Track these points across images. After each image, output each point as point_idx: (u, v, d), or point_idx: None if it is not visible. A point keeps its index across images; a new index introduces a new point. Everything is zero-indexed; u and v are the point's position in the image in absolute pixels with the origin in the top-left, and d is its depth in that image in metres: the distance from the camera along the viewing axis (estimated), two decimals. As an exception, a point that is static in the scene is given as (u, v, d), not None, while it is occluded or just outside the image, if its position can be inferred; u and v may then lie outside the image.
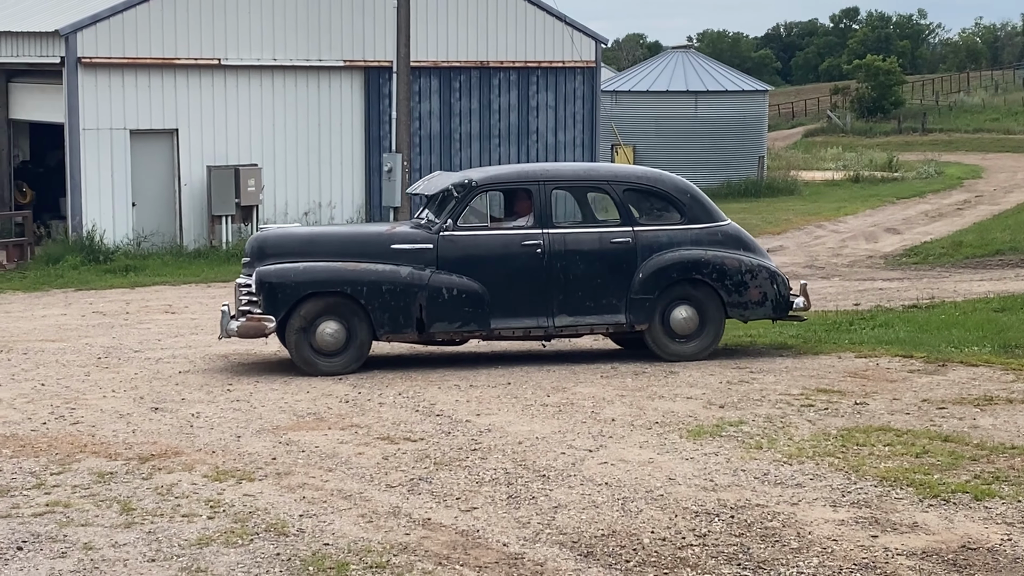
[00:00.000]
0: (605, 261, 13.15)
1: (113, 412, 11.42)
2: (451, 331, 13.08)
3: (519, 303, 13.06)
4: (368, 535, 7.95)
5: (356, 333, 12.90)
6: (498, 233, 13.18)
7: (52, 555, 7.66)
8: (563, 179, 13.81)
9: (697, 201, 13.56)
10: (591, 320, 13.24)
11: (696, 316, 13.33)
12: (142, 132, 25.18)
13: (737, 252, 13.43)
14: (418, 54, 27.25)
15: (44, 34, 25.06)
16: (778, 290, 13.48)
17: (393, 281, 12.86)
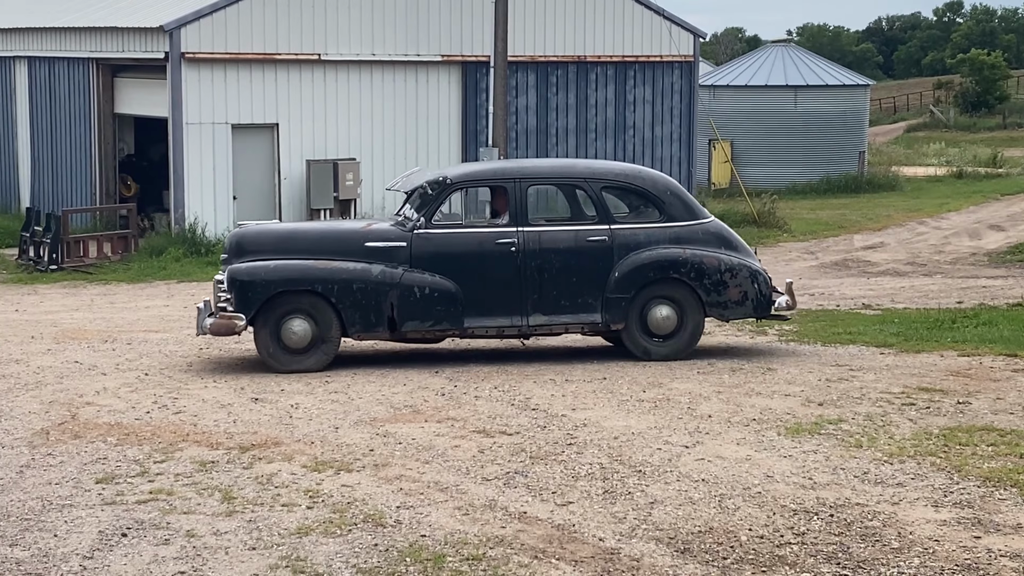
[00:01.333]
0: (581, 260, 12.93)
1: (214, 402, 11.58)
2: (423, 330, 12.95)
3: (493, 302, 12.89)
4: (464, 527, 7.98)
5: (326, 331, 12.80)
6: (472, 231, 13.00)
7: (155, 542, 7.79)
8: (539, 177, 13.46)
9: (678, 198, 13.29)
10: (566, 319, 13.04)
11: (674, 315, 13.09)
12: (243, 126, 25.51)
13: (718, 250, 13.16)
14: (515, 49, 27.28)
15: (149, 30, 25.47)
16: (759, 289, 13.17)
17: (364, 279, 12.74)
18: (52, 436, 10.38)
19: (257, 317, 12.76)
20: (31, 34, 30.07)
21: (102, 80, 27.43)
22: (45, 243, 24.05)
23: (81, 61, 27.87)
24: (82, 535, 7.92)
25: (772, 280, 13.57)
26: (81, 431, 10.54)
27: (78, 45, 28.02)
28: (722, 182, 38.18)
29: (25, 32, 30.33)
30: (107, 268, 23.88)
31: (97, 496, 8.70)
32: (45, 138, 29.61)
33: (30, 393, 12.11)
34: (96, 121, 27.61)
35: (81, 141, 28.13)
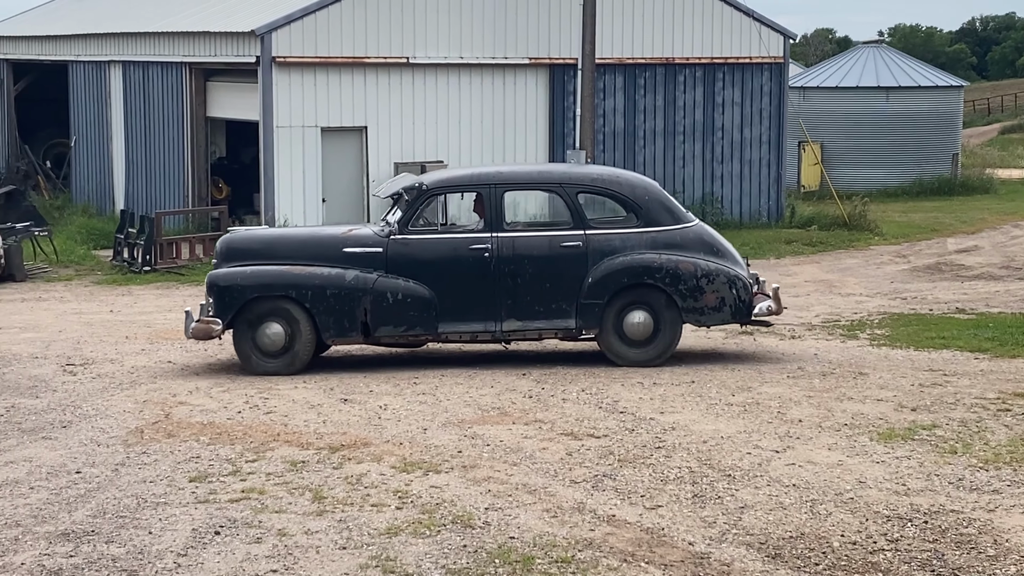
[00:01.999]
0: (554, 265, 12.90)
1: (304, 402, 11.69)
2: (397, 335, 13.05)
3: (467, 307, 12.94)
4: (553, 530, 7.97)
5: (300, 336, 12.94)
6: (446, 237, 13.06)
7: (248, 540, 7.88)
8: (514, 182, 13.47)
9: (656, 203, 13.15)
10: (539, 325, 13.03)
11: (650, 321, 12.96)
12: (332, 129, 25.71)
13: (695, 256, 12.97)
14: (603, 51, 27.21)
15: (240, 34, 25.77)
16: (737, 295, 12.98)
17: (338, 285, 12.87)
18: (146, 435, 10.54)
19: (235, 321, 12.95)
20: (126, 39, 30.56)
21: (195, 84, 27.81)
22: (139, 245, 24.42)
23: (175, 65, 28.28)
24: (176, 533, 8.03)
25: (758, 286, 13.32)
26: (174, 430, 10.69)
27: (172, 50, 28.44)
28: (812, 185, 37.80)
29: (120, 37, 30.83)
30: (199, 269, 24.18)
31: (191, 494, 8.82)
32: (139, 141, 30.07)
33: (124, 392, 12.31)
34: (189, 124, 27.99)
35: (174, 144, 28.53)
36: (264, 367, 12.96)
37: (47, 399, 12.07)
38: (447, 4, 26.37)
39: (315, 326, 12.93)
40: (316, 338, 13.04)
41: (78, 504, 8.66)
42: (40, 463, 9.73)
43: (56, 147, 36.03)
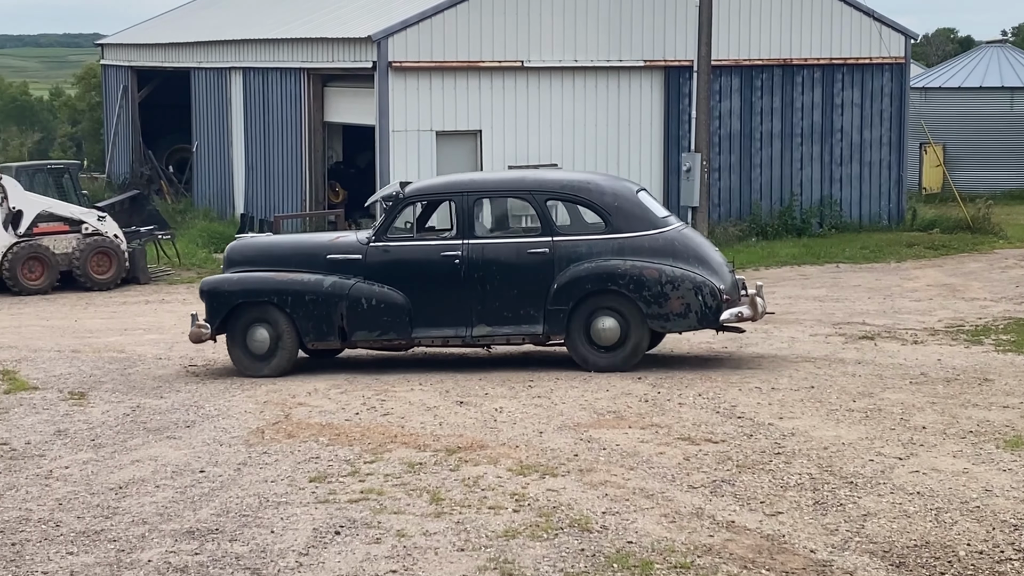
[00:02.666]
0: (522, 271, 13.00)
1: (420, 404, 11.75)
2: (372, 339, 13.34)
3: (440, 312, 13.14)
4: (671, 535, 7.92)
5: (283, 339, 13.29)
6: (420, 244, 13.29)
7: (367, 540, 7.94)
8: (486, 189, 13.63)
9: (626, 209, 13.09)
10: (508, 330, 13.16)
11: (617, 327, 12.94)
12: (447, 133, 25.85)
13: (663, 262, 12.91)
14: (719, 53, 26.99)
15: (357, 40, 26.04)
16: (703, 301, 12.85)
17: (316, 291, 13.22)
18: (267, 435, 10.69)
19: (227, 326, 13.42)
20: (246, 46, 31.06)
21: (313, 89, 28.16)
22: (258, 248, 24.77)
23: (293, 71, 28.67)
24: (297, 532, 8.12)
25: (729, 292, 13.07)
26: (294, 431, 10.82)
27: (290, 56, 28.84)
28: (934, 187, 37.09)
29: (240, 44, 31.34)
30: (316, 272, 24.46)
31: (311, 494, 8.92)
32: (258, 146, 30.54)
33: (245, 393, 12.49)
34: (307, 129, 28.35)
35: (292, 149, 28.92)
36: (252, 369, 13.35)
37: (171, 399, 12.30)
38: (562, 7, 26.37)
39: (296, 330, 13.30)
40: (299, 342, 13.43)
41: (202, 503, 8.81)
42: (165, 462, 9.92)
43: (178, 152, 36.75)
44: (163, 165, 36.73)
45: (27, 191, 23.95)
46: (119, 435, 10.89)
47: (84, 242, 23.45)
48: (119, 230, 24.04)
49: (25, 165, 26.88)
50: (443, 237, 13.36)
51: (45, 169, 26.19)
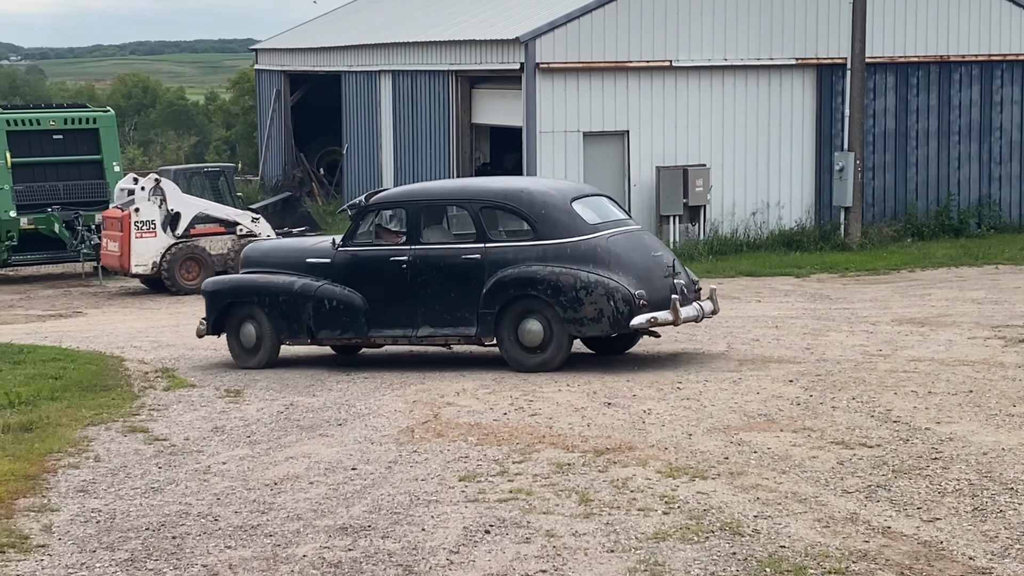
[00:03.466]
0: (458, 276, 13.61)
1: (568, 405, 11.75)
2: (334, 338, 14.24)
3: (391, 314, 13.87)
4: (825, 540, 7.78)
5: (265, 336, 14.33)
6: (376, 249, 14.03)
7: (517, 540, 7.97)
8: (431, 198, 14.31)
9: (552, 217, 13.48)
10: (447, 331, 13.77)
11: (541, 330, 13.35)
12: (594, 134, 25.82)
13: (581, 268, 13.25)
14: (873, 50, 26.50)
15: (505, 42, 26.17)
16: (615, 307, 13.12)
17: (288, 292, 14.21)
18: (416, 434, 10.79)
19: (224, 322, 14.60)
20: (396, 49, 31.44)
21: (460, 91, 28.38)
22: (407, 249, 25.08)
23: (441, 73, 28.93)
24: (448, 530, 8.19)
25: (650, 297, 13.27)
26: (443, 430, 10.91)
27: (439, 58, 29.11)
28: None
29: (390, 47, 31.74)
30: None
31: (460, 493, 8.98)
32: (407, 148, 30.89)
33: (395, 392, 12.64)
34: (455, 131, 28.59)
35: (441, 150, 29.19)
36: (243, 361, 14.48)
37: (323, 398, 12.50)
38: (711, 5, 26.15)
39: (274, 328, 14.32)
40: (277, 338, 14.41)
41: (355, 500, 8.93)
42: (318, 459, 10.08)
43: (329, 154, 37.38)
44: (314, 167, 37.39)
45: (184, 194, 24.59)
46: (273, 432, 11.11)
47: (239, 243, 23.98)
48: (272, 231, 24.55)
49: (182, 168, 27.61)
50: (394, 243, 14.07)
51: (201, 172, 26.87)
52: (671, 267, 13.73)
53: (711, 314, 14.05)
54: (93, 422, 11.64)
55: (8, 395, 12.58)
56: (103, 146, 27.79)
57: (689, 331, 16.00)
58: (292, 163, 37.25)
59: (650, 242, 14.10)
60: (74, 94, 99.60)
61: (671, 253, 14.26)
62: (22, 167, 26.85)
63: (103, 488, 9.45)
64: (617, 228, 13.81)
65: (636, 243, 13.78)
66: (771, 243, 26.31)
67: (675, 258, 14.09)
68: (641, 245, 13.82)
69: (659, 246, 14.18)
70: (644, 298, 13.21)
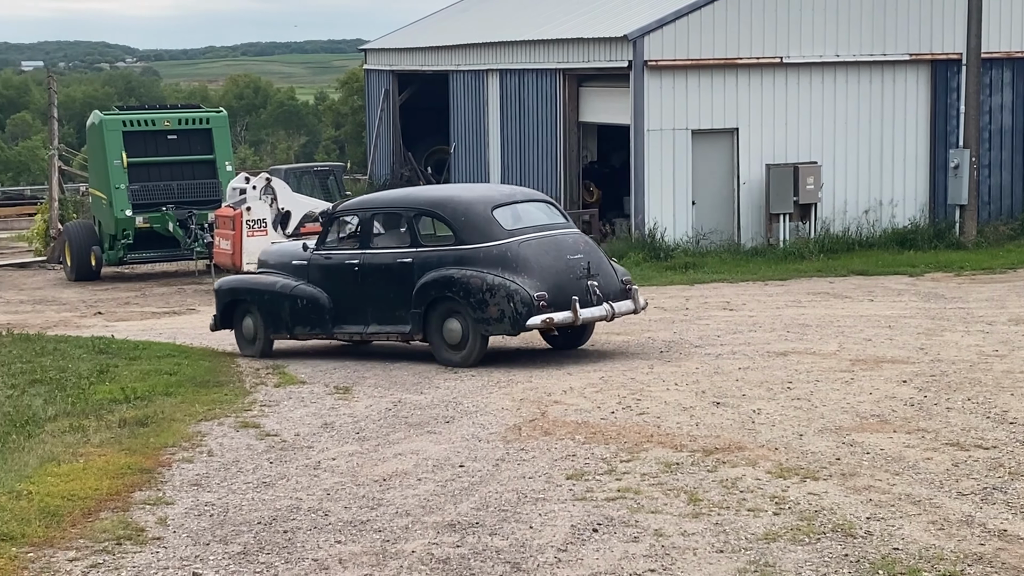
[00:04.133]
0: (396, 278, 14.55)
1: (676, 405, 11.67)
2: (305, 333, 15.39)
3: (349, 312, 14.97)
4: (939, 543, 7.64)
5: (258, 329, 15.63)
6: (337, 253, 15.17)
7: (625, 539, 7.93)
8: (379, 207, 15.46)
9: (471, 224, 14.27)
10: (388, 328, 14.71)
11: (461, 328, 14.14)
12: (703, 132, 25.65)
13: (490, 272, 13.98)
14: (990, 44, 25.97)
15: (613, 39, 26.11)
16: (514, 308, 13.80)
17: (270, 291, 15.49)
18: (524, 432, 10.80)
19: (231, 317, 15.95)
20: (503, 48, 31.53)
21: (568, 89, 28.37)
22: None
23: (549, 72, 28.94)
24: (556, 528, 8.18)
25: (552, 298, 13.87)
26: (551, 428, 10.90)
27: (546, 57, 29.12)
28: None
29: (497, 46, 31.84)
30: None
31: (568, 491, 8.97)
32: (514, 147, 30.96)
33: (502, 390, 12.66)
34: (562, 129, 28.59)
35: (547, 149, 29.20)
36: (245, 350, 15.83)
37: (431, 395, 12.57)
38: (823, 1, 25.83)
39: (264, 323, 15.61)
40: (267, 332, 15.65)
41: (462, 496, 8.96)
42: (426, 456, 10.14)
43: (436, 153, 37.60)
44: (422, 166, 37.63)
45: (295, 192, 24.89)
46: (382, 429, 11.19)
47: (348, 241, 24.19)
48: (381, 230, 24.72)
49: (293, 167, 28.00)
50: (351, 248, 15.18)
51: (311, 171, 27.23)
52: (586, 269, 14.26)
53: (630, 312, 14.69)
54: (206, 417, 11.84)
55: (124, 390, 12.84)
56: (216, 146, 28.22)
57: (799, 331, 15.83)
58: (400, 162, 37.54)
59: (571, 246, 14.50)
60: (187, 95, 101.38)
61: (600, 255, 14.74)
62: (137, 167, 27.36)
63: (216, 482, 9.60)
64: (537, 233, 14.43)
65: (551, 247, 14.34)
66: (884, 242, 25.91)
67: (603, 260, 14.66)
68: (556, 249, 14.36)
69: (581, 250, 14.52)
70: (545, 299, 13.87)
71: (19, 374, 13.95)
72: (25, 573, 7.63)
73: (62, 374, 13.90)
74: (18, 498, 8.98)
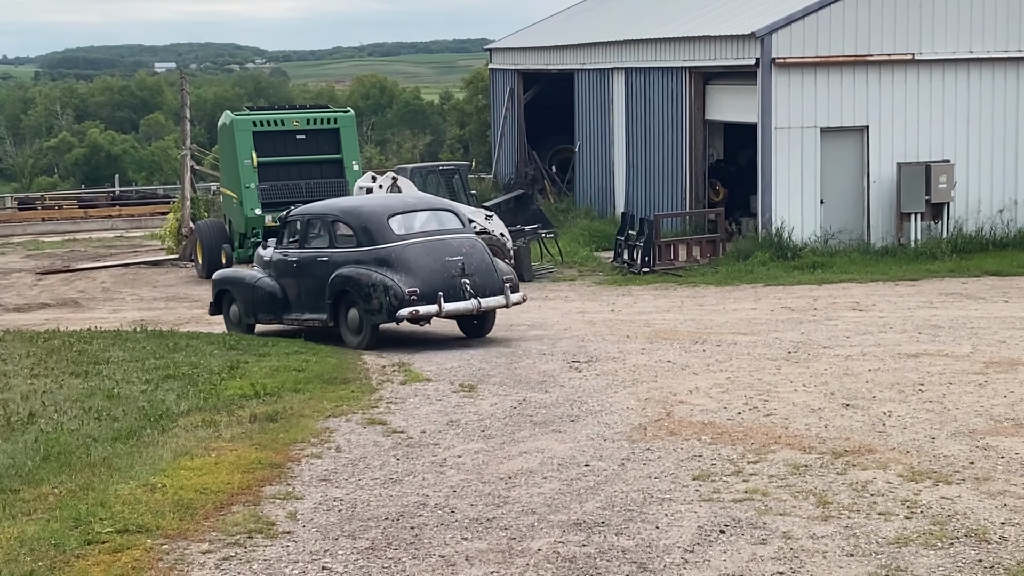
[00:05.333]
0: (319, 275, 17.12)
1: (804, 406, 11.53)
2: (265, 320, 18.12)
3: (294, 302, 17.67)
4: (1079, 552, 7.43)
5: (240, 314, 18.39)
6: (286, 252, 17.88)
7: (753, 541, 7.85)
8: (311, 214, 17.84)
9: (366, 229, 16.77)
10: (315, 316, 17.27)
11: (358, 317, 16.59)
12: (831, 130, 25.27)
13: (376, 270, 16.41)
14: None
15: (740, 37, 25.86)
16: (389, 301, 16.16)
17: (242, 283, 18.42)
18: (649, 432, 10.75)
19: (221, 304, 18.78)
20: (628, 46, 31.43)
21: (694, 88, 28.17)
22: (638, 247, 25.06)
23: (675, 70, 28.77)
24: (682, 529, 8.12)
25: (424, 293, 16.10)
26: (676, 428, 10.84)
27: (672, 55, 28.96)
28: None
29: (622, 45, 31.74)
30: (696, 271, 24.49)
31: (694, 492, 8.90)
32: (639, 145, 30.83)
33: (627, 390, 12.61)
34: (688, 128, 28.39)
35: (673, 148, 29.03)
36: (232, 328, 18.44)
37: (555, 394, 12.58)
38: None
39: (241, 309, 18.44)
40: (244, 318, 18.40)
41: (588, 495, 8.95)
42: (551, 454, 10.14)
43: (560, 153, 37.60)
44: (546, 165, 37.66)
45: (420, 191, 25.07)
46: (507, 427, 11.22)
47: (473, 240, 24.34)
48: (505, 229, 24.81)
49: (419, 166, 28.16)
50: (295, 248, 17.74)
51: (437, 170, 27.36)
52: (461, 269, 16.50)
53: (501, 307, 16.76)
54: (334, 413, 11.98)
55: (254, 386, 13.06)
56: (343, 145, 28.53)
57: (930, 332, 15.53)
58: (524, 161, 37.61)
59: (454, 248, 16.66)
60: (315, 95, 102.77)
61: (483, 257, 16.76)
62: (267, 166, 27.79)
63: (344, 478, 9.72)
64: (424, 238, 16.75)
65: (433, 250, 16.62)
66: (1019, 242, 25.31)
67: (484, 261, 16.70)
68: (438, 252, 16.62)
69: (463, 252, 16.62)
70: (416, 294, 16.15)
71: (153, 369, 14.27)
72: (160, 565, 7.79)
73: (194, 370, 14.18)
74: (152, 491, 9.18)
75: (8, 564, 7.70)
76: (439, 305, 16.15)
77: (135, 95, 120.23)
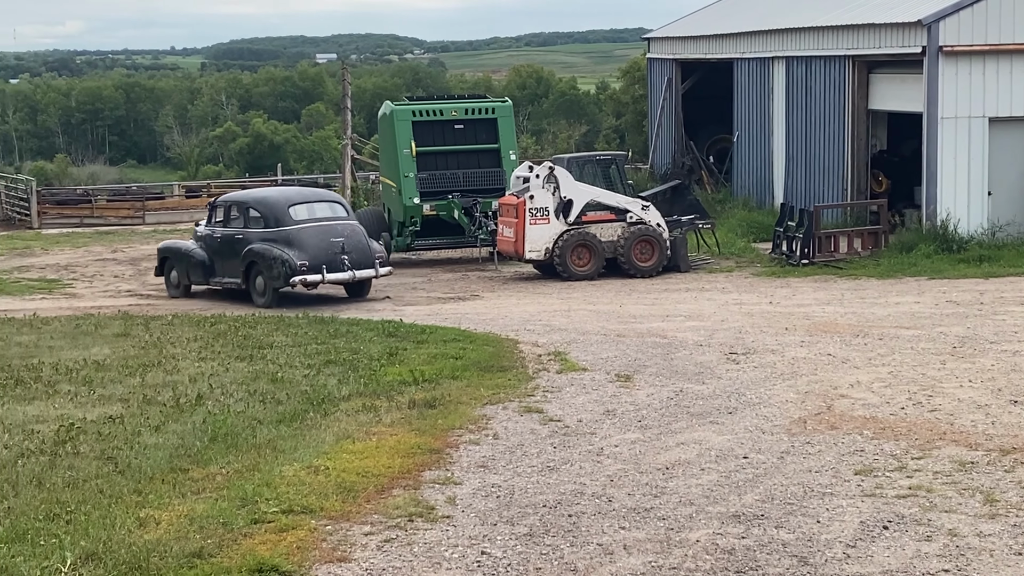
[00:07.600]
0: (235, 248, 22.15)
1: (970, 402, 11.26)
2: (198, 282, 23.17)
3: (218, 270, 22.68)
4: None
5: (178, 278, 23.41)
6: (212, 229, 22.93)
7: (917, 537, 7.70)
8: (231, 201, 23.28)
9: (272, 214, 21.99)
10: (233, 280, 22.31)
11: (263, 283, 21.62)
12: (1001, 120, 24.55)
13: (277, 247, 21.50)
14: None
15: (905, 25, 25.28)
16: (284, 271, 21.25)
17: (179, 253, 23.53)
18: (809, 425, 10.61)
19: (163, 268, 23.81)
20: (789, 35, 30.97)
21: (857, 77, 27.62)
22: (797, 238, 24.70)
23: (837, 59, 28.26)
24: (843, 524, 8.01)
25: (312, 266, 21.23)
26: (836, 422, 10.68)
27: (834, 43, 28.45)
28: None
29: (783, 33, 31.29)
30: (856, 263, 24.05)
31: (856, 487, 8.77)
32: (798, 135, 30.36)
33: (786, 383, 12.46)
34: (850, 118, 27.86)
35: (834, 138, 28.53)
36: (172, 293, 23.40)
37: (712, 385, 12.49)
38: None
39: (180, 274, 23.42)
40: (182, 281, 23.43)
41: (746, 488, 8.87)
42: (709, 446, 10.08)
43: (718, 143, 37.22)
44: (704, 155, 37.33)
45: (577, 181, 25.09)
46: (664, 417, 11.19)
47: (628, 230, 24.26)
48: (661, 219, 24.68)
49: (576, 156, 28.13)
50: (219, 227, 22.75)
51: (594, 160, 27.30)
52: (341, 247, 21.51)
53: (371, 277, 22.02)
54: (491, 401, 12.08)
55: (413, 372, 13.24)
56: (500, 135, 28.68)
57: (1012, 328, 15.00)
58: (682, 151, 37.35)
59: (339, 232, 21.71)
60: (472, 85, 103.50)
61: (359, 239, 21.85)
62: (425, 156, 28.08)
63: (502, 465, 9.79)
64: (316, 223, 21.83)
65: (322, 233, 21.70)
66: None
67: (361, 242, 21.78)
68: (326, 234, 21.69)
69: (345, 235, 21.68)
70: (306, 266, 21.21)
71: (315, 355, 14.56)
72: (324, 545, 7.96)
73: (354, 355, 14.43)
74: (316, 473, 9.38)
75: (179, 541, 7.95)
76: (323, 275, 21.35)
77: (297, 85, 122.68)
